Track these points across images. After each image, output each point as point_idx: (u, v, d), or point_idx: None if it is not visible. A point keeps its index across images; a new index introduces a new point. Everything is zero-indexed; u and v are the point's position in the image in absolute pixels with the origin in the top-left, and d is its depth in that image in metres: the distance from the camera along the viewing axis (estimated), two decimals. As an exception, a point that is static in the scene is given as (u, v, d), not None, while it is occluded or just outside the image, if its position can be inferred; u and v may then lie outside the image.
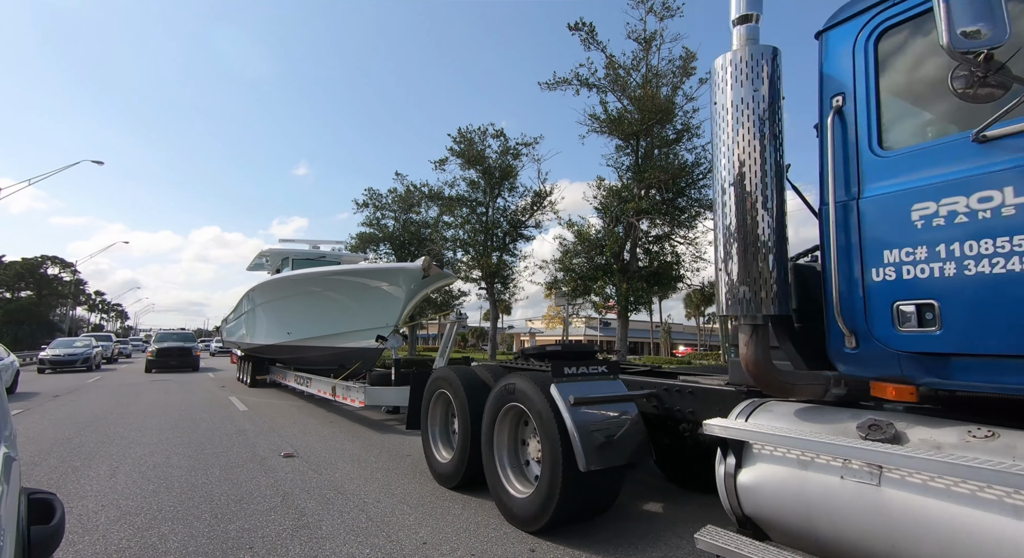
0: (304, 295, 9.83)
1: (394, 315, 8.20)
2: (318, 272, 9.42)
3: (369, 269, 8.92)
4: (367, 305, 8.50)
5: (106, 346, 27.10)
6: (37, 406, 10.41)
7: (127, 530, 3.72)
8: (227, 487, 4.77)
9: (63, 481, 4.96)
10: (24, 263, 49.22)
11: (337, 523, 3.84)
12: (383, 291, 8.19)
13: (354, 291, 8.69)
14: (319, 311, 9.58)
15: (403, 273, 7.98)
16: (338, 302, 9.08)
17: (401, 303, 8.04)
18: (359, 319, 8.69)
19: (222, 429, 7.83)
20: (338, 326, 9.21)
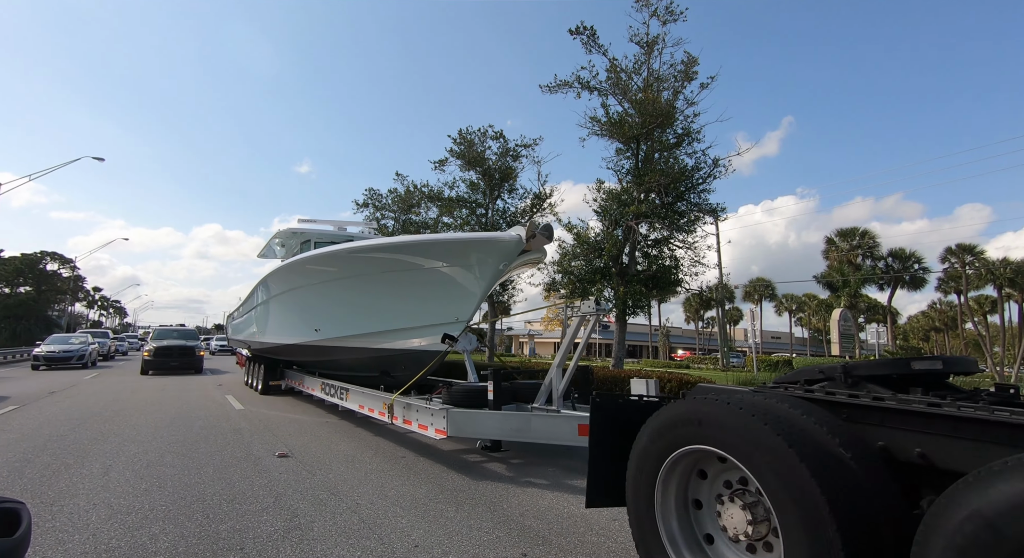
0: (345, 280, 7.55)
1: (468, 305, 6.30)
2: (372, 245, 6.90)
3: (445, 241, 6.49)
4: (433, 291, 6.49)
5: (102, 343, 26.91)
6: (32, 402, 10.38)
7: (118, 529, 3.70)
8: (220, 487, 4.75)
9: (55, 479, 4.94)
10: (23, 258, 49.16)
11: (329, 524, 3.82)
12: (458, 272, 6.18)
13: (418, 273, 6.52)
14: (363, 301, 7.51)
15: (494, 246, 5.79)
16: (392, 288, 6.94)
17: (481, 289, 6.14)
18: (419, 311, 6.73)
19: (217, 428, 7.81)
20: (388, 321, 7.17)
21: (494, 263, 5.93)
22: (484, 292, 6.22)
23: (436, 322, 6.54)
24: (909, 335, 65.45)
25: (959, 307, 46.35)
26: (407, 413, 6.15)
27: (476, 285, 6.15)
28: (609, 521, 3.99)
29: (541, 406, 5.89)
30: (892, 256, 41.26)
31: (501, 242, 5.70)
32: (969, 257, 41.00)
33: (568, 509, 4.29)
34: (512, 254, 5.79)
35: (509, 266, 6.22)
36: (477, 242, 6.03)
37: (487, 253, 5.89)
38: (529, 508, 4.29)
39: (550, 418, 5.34)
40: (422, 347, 6.81)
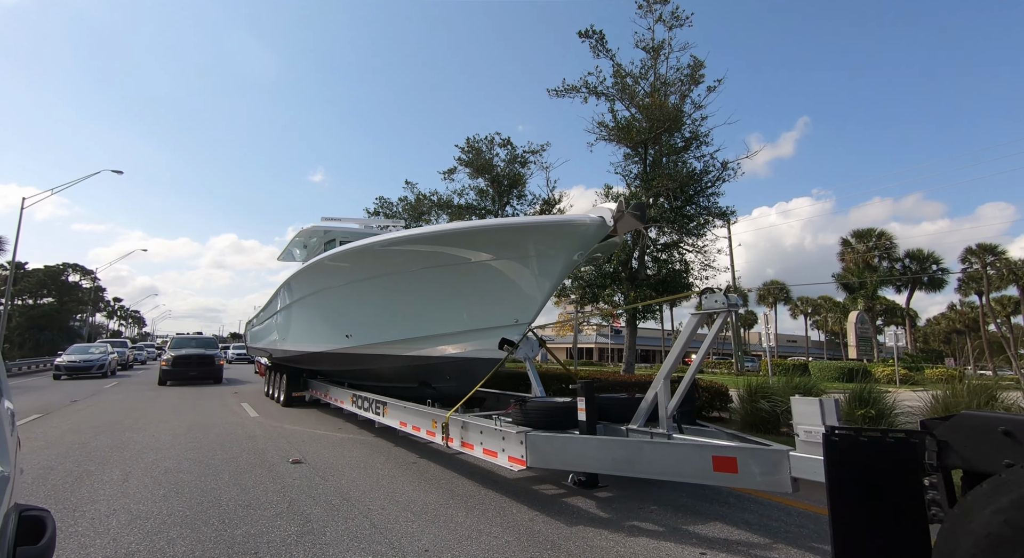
0: (379, 279, 6.62)
1: (531, 305, 5.35)
2: (409, 236, 6.00)
3: (502, 228, 5.40)
4: (488, 289, 5.58)
5: (121, 353, 27.43)
6: (55, 411, 10.65)
7: (137, 534, 3.80)
8: (235, 492, 4.84)
9: (77, 485, 5.08)
10: (46, 270, 50.48)
11: (341, 529, 3.89)
12: (520, 264, 5.23)
13: (467, 268, 5.60)
14: (401, 302, 6.57)
15: (570, 233, 4.80)
16: (436, 286, 5.99)
17: (548, 285, 5.22)
18: (470, 312, 5.87)
19: (233, 435, 7.94)
20: (431, 324, 6.31)
21: (568, 253, 4.88)
22: (552, 288, 5.24)
23: (491, 325, 5.65)
24: (929, 338, 64.05)
25: (981, 308, 45.30)
26: (467, 434, 5.10)
27: (542, 280, 5.16)
28: (620, 526, 4.00)
29: (640, 428, 4.66)
30: (909, 257, 40.57)
31: (579, 227, 4.63)
32: (991, 257, 40.15)
33: (577, 514, 4.30)
34: (592, 241, 4.76)
35: (585, 255, 5.14)
36: (546, 228, 4.91)
37: (559, 241, 4.85)
38: (538, 513, 4.31)
39: (671, 448, 3.88)
40: (473, 354, 5.90)
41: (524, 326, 5.50)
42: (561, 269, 5.09)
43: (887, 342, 34.25)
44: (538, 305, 5.34)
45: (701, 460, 3.60)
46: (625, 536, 3.82)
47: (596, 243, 4.88)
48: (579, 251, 4.93)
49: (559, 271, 5.09)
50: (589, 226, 4.55)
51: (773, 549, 3.63)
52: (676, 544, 3.69)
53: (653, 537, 3.83)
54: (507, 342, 5.54)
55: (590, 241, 4.79)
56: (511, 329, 5.53)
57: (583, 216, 4.62)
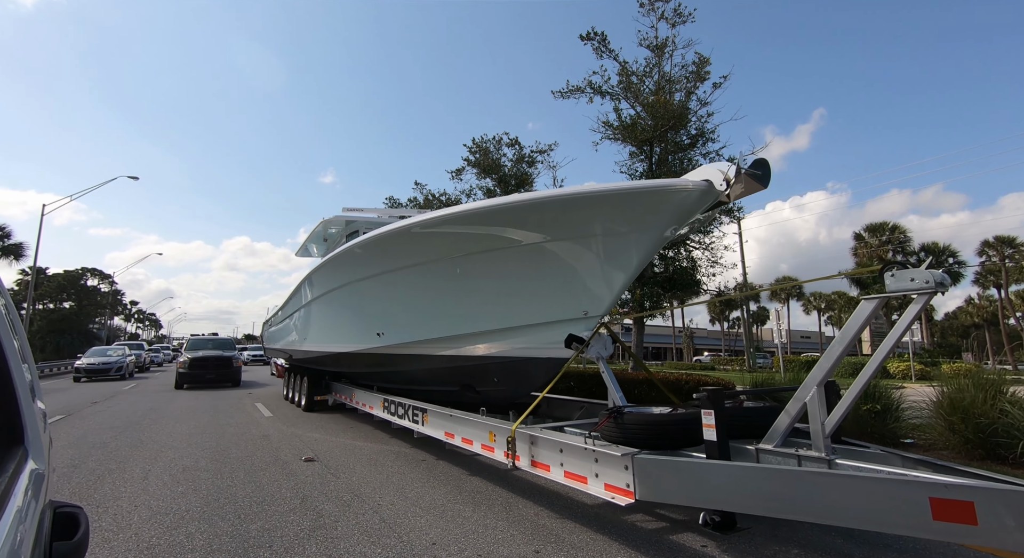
0: (416, 267, 5.70)
1: (605, 294, 4.50)
2: (452, 216, 4.96)
3: (590, 196, 4.11)
4: (556, 275, 4.67)
5: (138, 355, 27.93)
6: (77, 412, 10.97)
7: (157, 529, 3.96)
8: (250, 489, 5.00)
9: (100, 483, 5.27)
10: (66, 275, 51.60)
11: (352, 524, 4.01)
12: (604, 242, 4.25)
13: (523, 251, 4.69)
14: (447, 293, 5.61)
15: (670, 201, 3.80)
16: (493, 274, 5.08)
17: (631, 268, 4.31)
18: (532, 303, 4.95)
19: (247, 434, 8.14)
20: (482, 319, 5.42)
21: (658, 228, 3.93)
22: (634, 273, 4.35)
23: (553, 319, 4.83)
24: (947, 332, 62.94)
25: (1000, 302, 44.44)
26: (539, 452, 4.15)
27: (622, 263, 4.22)
28: (622, 518, 4.07)
29: (778, 448, 3.49)
30: (924, 251, 39.91)
31: (677, 195, 3.67)
32: (1009, 250, 39.35)
33: (582, 508, 4.39)
34: (692, 212, 3.81)
35: (679, 229, 4.17)
36: (633, 198, 3.87)
37: (650, 214, 3.87)
38: (544, 508, 4.40)
39: (856, 483, 2.59)
40: (528, 353, 5.12)
41: (595, 320, 4.61)
42: (648, 249, 4.10)
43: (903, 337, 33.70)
44: (614, 294, 4.49)
45: (911, 503, 2.42)
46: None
47: (697, 213, 3.89)
48: (673, 225, 3.94)
49: (645, 251, 4.10)
50: (691, 193, 3.60)
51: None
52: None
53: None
54: (575, 339, 4.62)
55: (689, 212, 3.80)
56: (578, 324, 4.64)
57: (682, 181, 3.67)
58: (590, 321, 4.65)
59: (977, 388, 4.83)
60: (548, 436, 4.11)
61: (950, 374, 5.56)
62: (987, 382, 4.94)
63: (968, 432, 4.98)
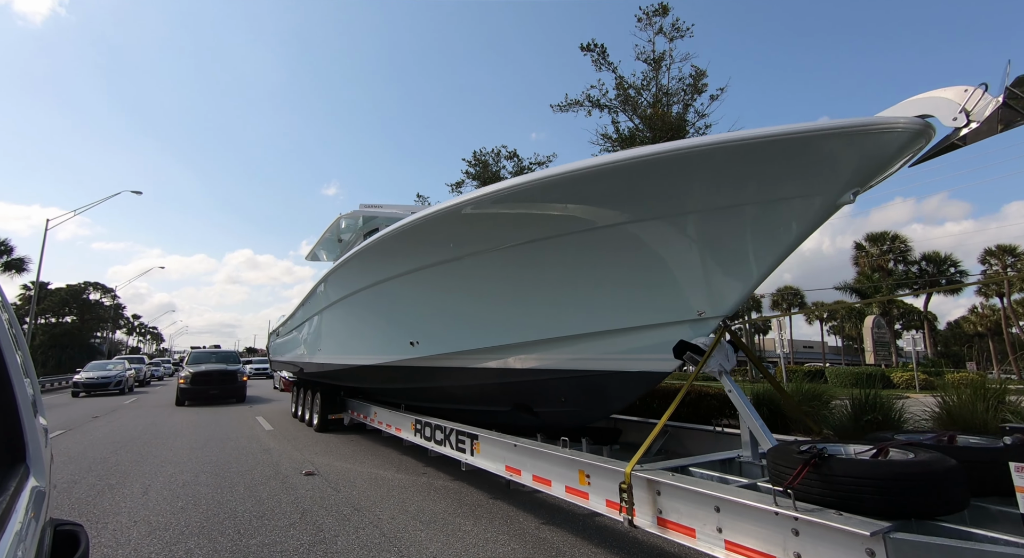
0: (463, 261, 4.58)
1: (733, 288, 3.43)
2: (518, 189, 3.76)
3: (732, 145, 2.84)
4: (661, 262, 3.58)
5: (138, 369, 27.76)
6: (78, 426, 10.95)
7: (157, 544, 3.95)
8: (250, 504, 4.98)
9: (100, 499, 5.25)
10: (68, 289, 51.80)
11: (352, 539, 3.99)
12: (740, 213, 3.16)
13: (622, 232, 3.59)
14: (508, 291, 4.49)
15: (865, 149, 2.61)
16: (573, 262, 3.94)
17: (780, 248, 3.20)
18: (624, 301, 3.86)
19: (248, 448, 8.11)
20: (549, 322, 4.31)
21: (834, 190, 2.78)
22: (783, 256, 3.18)
23: (648, 322, 3.76)
24: (950, 341, 62.63)
25: (1003, 311, 44.29)
26: (672, 507, 2.80)
27: (768, 243, 3.14)
28: (623, 533, 4.05)
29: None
30: (926, 259, 39.93)
31: (878, 138, 2.55)
32: (1011, 258, 39.33)
33: (584, 521, 4.36)
34: (893, 162, 2.68)
35: (861, 192, 2.85)
36: (804, 143, 2.66)
37: (824, 169, 2.73)
38: (545, 521, 4.38)
39: None
40: (613, 365, 4.04)
41: (714, 322, 3.49)
42: (809, 222, 2.92)
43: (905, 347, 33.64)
44: (747, 287, 3.34)
45: None
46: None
47: (900, 163, 2.72)
48: (855, 187, 2.73)
49: (804, 226, 2.95)
50: (898, 135, 2.47)
51: None
52: None
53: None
54: (688, 347, 3.49)
55: (886, 163, 2.65)
56: (686, 327, 3.57)
57: (886, 120, 2.52)
58: (708, 324, 3.51)
59: (977, 399, 4.82)
60: (691, 486, 2.68)
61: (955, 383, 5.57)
62: (989, 392, 4.93)
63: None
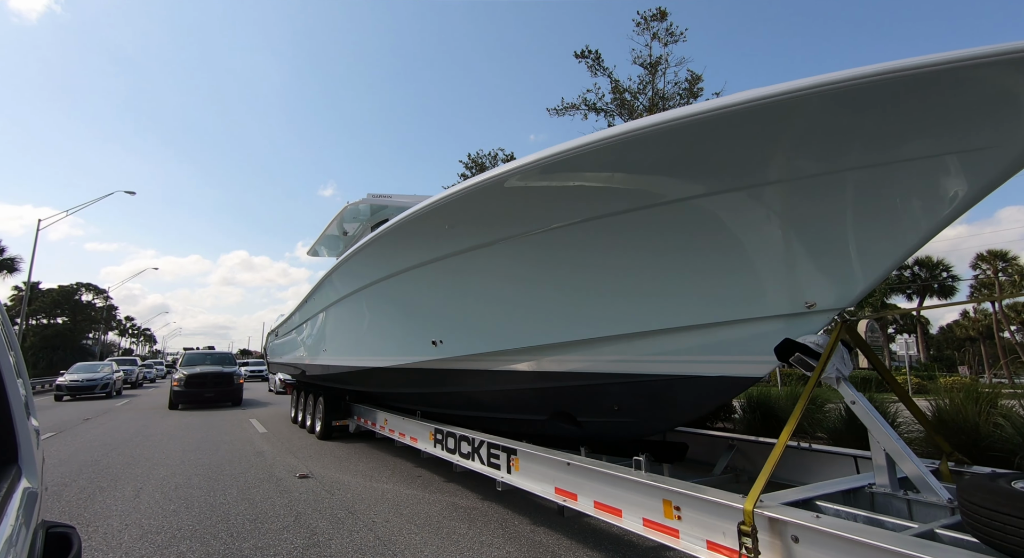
0: (497, 247, 3.90)
1: (861, 271, 2.73)
2: (576, 151, 2.90)
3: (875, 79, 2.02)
4: (758, 241, 2.90)
5: (129, 371, 27.24)
6: (69, 428, 10.84)
7: (148, 548, 3.91)
8: (244, 507, 4.95)
9: (91, 501, 5.20)
10: (60, 290, 51.39)
11: (346, 542, 3.97)
12: (896, 171, 2.36)
13: (729, 205, 2.83)
14: (554, 280, 3.79)
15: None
16: (642, 243, 3.25)
17: (932, 222, 2.44)
18: (703, 291, 3.20)
19: (241, 451, 8.06)
20: (607, 317, 3.65)
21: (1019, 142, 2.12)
22: (934, 232, 2.50)
23: (733, 317, 3.12)
24: (943, 345, 63.12)
25: (994, 315, 44.70)
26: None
27: (914, 214, 2.49)
28: (618, 535, 4.05)
29: None
30: (919, 264, 40.25)
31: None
32: (1002, 263, 39.72)
33: (579, 526, 4.36)
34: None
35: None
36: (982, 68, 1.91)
37: (1004, 113, 2.05)
38: (540, 525, 4.37)
39: None
40: (681, 368, 3.42)
41: (826, 316, 2.86)
42: (982, 185, 2.30)
43: (898, 351, 33.86)
44: (878, 272, 2.68)
45: None
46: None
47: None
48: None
49: (975, 190, 2.32)
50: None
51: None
52: None
53: None
54: (797, 348, 2.80)
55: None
56: (783, 323, 2.94)
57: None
58: (812, 319, 2.87)
59: (968, 402, 4.86)
60: (854, 535, 2.00)
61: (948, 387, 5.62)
62: (980, 395, 4.96)
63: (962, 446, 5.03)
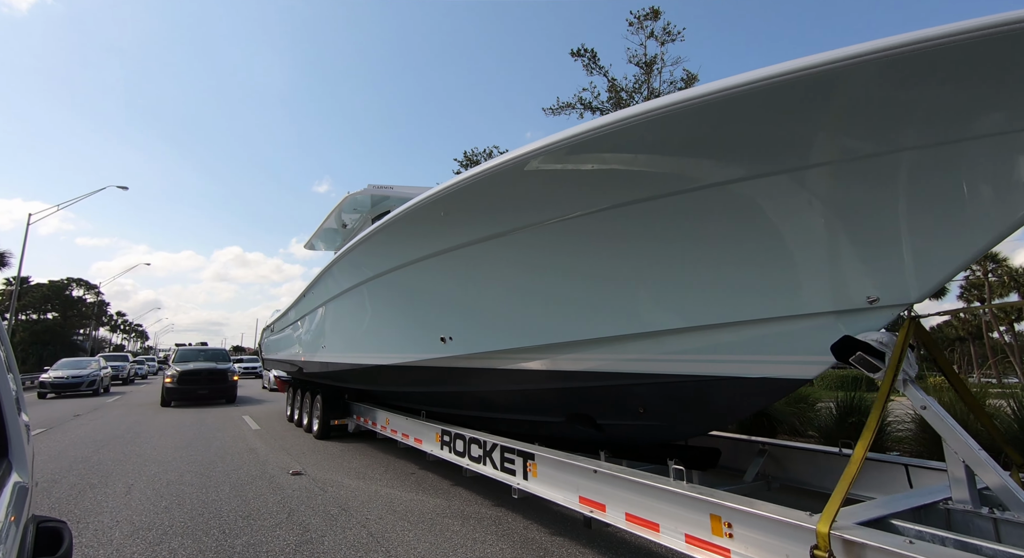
0: (530, 232, 3.52)
1: (937, 262, 2.36)
2: (624, 124, 2.56)
3: None
4: (809, 225, 2.56)
5: (120, 367, 26.94)
6: (59, 425, 10.75)
7: (140, 544, 3.89)
8: (236, 503, 4.93)
9: (81, 498, 5.16)
10: (50, 285, 50.82)
11: (339, 539, 3.97)
12: None
13: (786, 184, 2.50)
14: (578, 272, 3.48)
15: None
16: (686, 231, 2.89)
17: None
18: (747, 283, 2.83)
19: (234, 448, 8.02)
20: (638, 312, 3.33)
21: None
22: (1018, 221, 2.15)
23: (784, 313, 2.78)
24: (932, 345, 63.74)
25: (983, 316, 45.20)
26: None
27: (998, 195, 2.16)
28: (611, 533, 4.07)
29: None
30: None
31: None
32: (991, 264, 40.16)
33: (572, 522, 4.38)
34: None
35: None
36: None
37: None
38: (533, 522, 4.38)
39: None
40: (718, 369, 3.10)
41: (892, 312, 2.54)
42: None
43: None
44: (958, 263, 2.35)
45: None
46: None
47: None
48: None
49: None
50: None
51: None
52: None
53: None
54: (857, 345, 2.55)
55: None
56: (834, 319, 2.64)
57: None
58: (877, 315, 2.55)
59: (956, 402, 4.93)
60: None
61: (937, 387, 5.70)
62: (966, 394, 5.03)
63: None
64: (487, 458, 4.57)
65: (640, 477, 3.08)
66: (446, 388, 5.41)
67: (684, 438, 3.91)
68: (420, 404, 6.40)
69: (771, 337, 2.88)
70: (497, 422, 5.12)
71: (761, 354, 2.93)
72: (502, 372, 4.42)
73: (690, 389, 3.30)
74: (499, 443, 4.42)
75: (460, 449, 5.03)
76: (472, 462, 4.79)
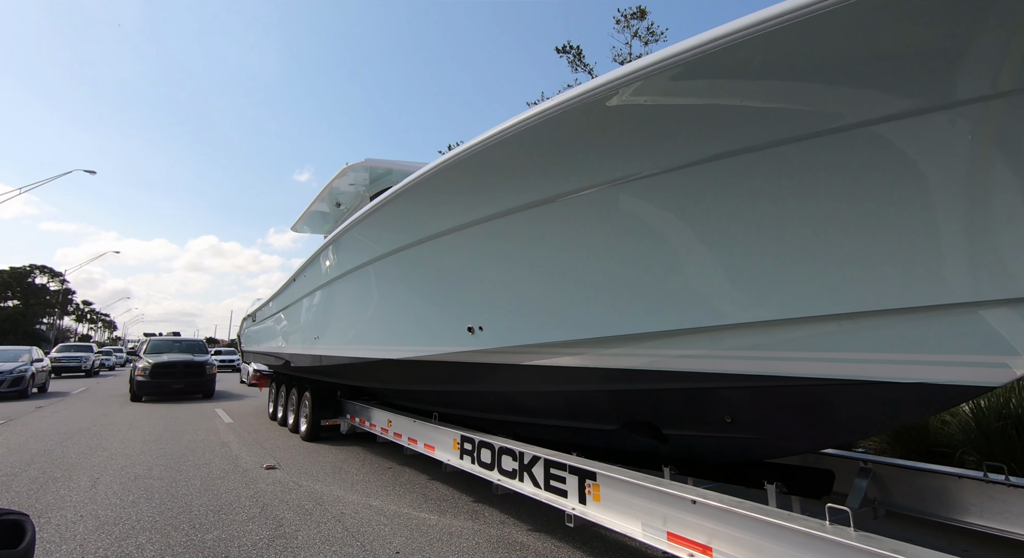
0: (579, 199, 2.80)
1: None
2: (688, 61, 2.01)
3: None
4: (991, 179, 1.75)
5: (82, 358, 26.13)
6: (20, 416, 10.34)
7: (105, 539, 3.78)
8: (207, 498, 4.83)
9: (42, 492, 4.99)
10: (12, 272, 48.82)
11: (313, 533, 3.92)
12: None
13: None
14: (668, 243, 2.61)
15: None
16: (818, 180, 2.09)
17: None
18: (896, 260, 2.04)
19: (206, 441, 7.85)
20: (744, 295, 2.44)
21: None
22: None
23: (944, 301, 2.02)
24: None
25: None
26: None
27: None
28: (585, 527, 4.11)
29: None
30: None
31: None
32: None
33: (549, 516, 4.41)
34: None
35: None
36: None
37: None
38: (510, 516, 4.40)
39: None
40: (850, 370, 2.30)
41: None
42: None
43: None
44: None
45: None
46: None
47: None
48: None
49: None
50: None
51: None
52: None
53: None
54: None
55: None
56: (1009, 310, 1.93)
57: None
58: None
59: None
60: None
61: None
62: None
63: (911, 442, 5.32)
64: (525, 473, 3.77)
65: (774, 517, 2.25)
66: (468, 387, 4.55)
67: (782, 456, 3.10)
68: (433, 405, 5.46)
69: (929, 330, 2.10)
70: (526, 427, 4.29)
71: (915, 352, 2.16)
72: (544, 369, 3.58)
73: (809, 396, 2.48)
74: (542, 456, 3.60)
75: (487, 460, 4.17)
76: (504, 477, 3.97)
